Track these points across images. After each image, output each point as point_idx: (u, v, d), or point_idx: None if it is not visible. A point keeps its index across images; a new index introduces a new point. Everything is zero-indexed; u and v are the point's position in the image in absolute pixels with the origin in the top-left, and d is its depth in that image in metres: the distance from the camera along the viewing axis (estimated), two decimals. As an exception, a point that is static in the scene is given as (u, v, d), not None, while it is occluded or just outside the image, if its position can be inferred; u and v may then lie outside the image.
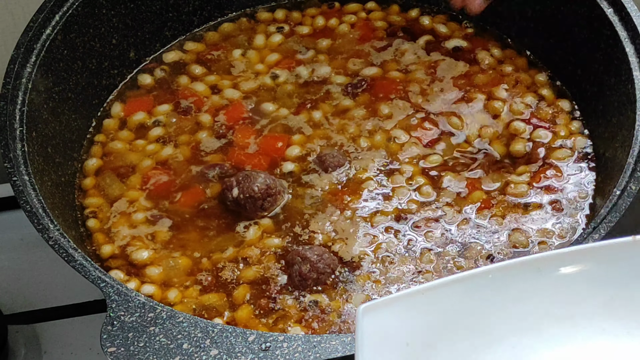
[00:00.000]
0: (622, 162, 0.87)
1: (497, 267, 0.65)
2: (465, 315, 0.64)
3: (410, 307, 0.64)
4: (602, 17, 0.99)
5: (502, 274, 0.65)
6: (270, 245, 0.94)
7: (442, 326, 0.64)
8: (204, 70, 1.11)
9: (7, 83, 0.95)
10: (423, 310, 0.64)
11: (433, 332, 0.64)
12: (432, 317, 0.64)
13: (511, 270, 0.65)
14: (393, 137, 1.02)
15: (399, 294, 0.64)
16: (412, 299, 0.64)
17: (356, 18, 1.16)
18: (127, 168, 1.02)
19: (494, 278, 0.65)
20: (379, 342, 0.62)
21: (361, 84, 1.08)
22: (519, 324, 0.65)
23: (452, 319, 0.64)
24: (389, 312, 0.63)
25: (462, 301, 0.64)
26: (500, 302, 0.65)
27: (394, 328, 0.63)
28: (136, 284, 0.91)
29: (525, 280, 0.65)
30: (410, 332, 0.63)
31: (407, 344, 0.63)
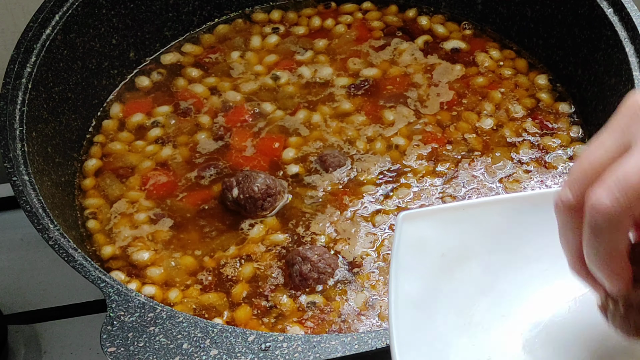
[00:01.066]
0: (622, 162, 0.87)
1: (540, 194, 0.66)
2: (502, 235, 0.65)
3: (450, 221, 0.64)
4: (602, 17, 0.99)
5: (545, 200, 0.64)
6: (274, 241, 0.94)
7: (479, 242, 0.64)
8: (201, 73, 1.11)
9: (7, 83, 0.95)
10: (462, 225, 0.64)
11: (469, 247, 0.64)
12: (470, 233, 0.64)
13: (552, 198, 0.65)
14: (394, 144, 1.02)
15: (440, 207, 0.65)
16: (452, 213, 0.64)
17: (352, 18, 1.16)
18: (126, 169, 1.02)
19: (534, 203, 0.65)
20: (415, 249, 0.63)
21: (363, 84, 1.08)
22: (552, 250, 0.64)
23: (489, 237, 0.64)
24: (428, 222, 0.63)
25: (501, 221, 0.64)
26: (539, 227, 0.64)
27: (431, 238, 0.63)
28: (137, 285, 0.91)
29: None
30: (447, 244, 0.64)
31: (442, 255, 0.64)
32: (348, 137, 1.03)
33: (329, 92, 1.08)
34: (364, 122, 1.04)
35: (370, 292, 0.90)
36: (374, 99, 1.07)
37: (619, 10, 0.97)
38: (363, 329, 0.87)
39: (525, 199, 0.65)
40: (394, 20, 1.15)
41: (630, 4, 0.97)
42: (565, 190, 0.55)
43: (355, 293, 0.90)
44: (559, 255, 0.63)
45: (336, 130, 1.04)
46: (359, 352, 0.73)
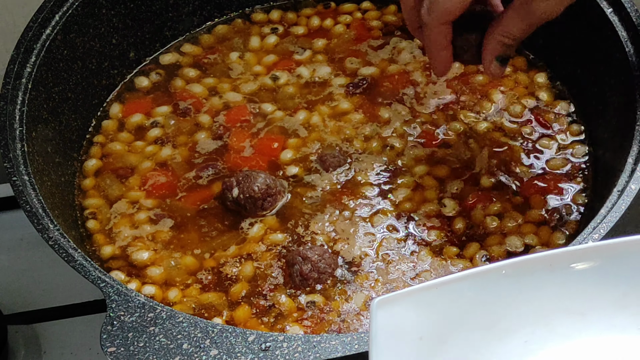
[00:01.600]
0: (622, 162, 0.87)
1: (510, 263, 0.66)
2: (478, 310, 0.65)
3: (424, 301, 0.64)
4: (602, 17, 0.99)
5: (515, 269, 0.65)
6: (273, 240, 0.94)
7: (456, 320, 0.65)
8: (198, 73, 1.11)
9: (7, 83, 0.95)
10: (437, 305, 0.64)
11: (446, 326, 0.64)
12: (446, 312, 0.64)
13: (524, 266, 0.66)
14: (391, 144, 1.02)
15: (413, 288, 0.65)
16: (426, 293, 0.64)
17: (351, 18, 1.16)
18: (126, 169, 1.02)
19: (506, 274, 0.65)
20: (393, 336, 0.63)
21: (362, 83, 1.08)
22: (530, 318, 0.65)
23: (465, 314, 0.65)
24: (403, 306, 0.64)
25: (475, 296, 0.65)
26: (513, 297, 0.65)
27: (407, 322, 0.64)
28: (137, 285, 0.91)
29: (537, 276, 0.66)
30: (424, 326, 0.64)
31: (420, 338, 0.64)
32: (346, 136, 1.03)
33: (328, 92, 1.08)
34: (361, 120, 1.04)
35: (370, 291, 0.90)
36: (372, 97, 1.07)
37: (618, 10, 0.97)
38: (363, 328, 0.87)
39: (495, 271, 0.65)
40: (393, 20, 1.15)
41: (630, 4, 0.97)
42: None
43: (355, 293, 0.90)
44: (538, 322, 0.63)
45: (334, 130, 1.04)
46: (359, 352, 0.73)
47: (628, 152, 0.88)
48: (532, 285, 0.66)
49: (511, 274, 0.65)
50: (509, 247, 0.93)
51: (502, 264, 0.65)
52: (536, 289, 0.66)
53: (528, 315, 0.65)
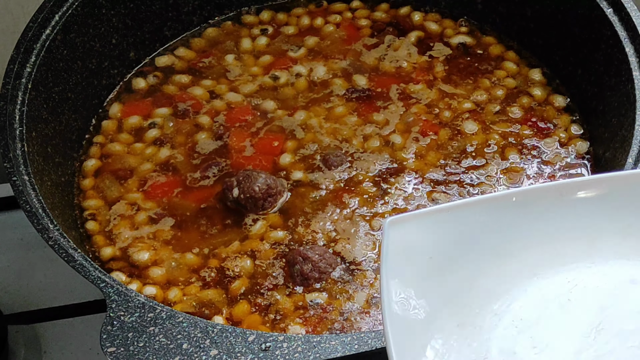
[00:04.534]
0: (622, 162, 0.87)
1: (520, 191, 0.67)
2: (487, 234, 0.66)
3: (435, 223, 0.65)
4: (602, 17, 0.99)
5: (525, 196, 0.66)
6: (275, 238, 0.94)
7: (465, 243, 0.65)
8: (191, 78, 1.10)
9: (7, 83, 0.95)
10: (447, 227, 0.65)
11: (456, 248, 0.65)
12: (456, 234, 0.65)
13: (534, 193, 0.66)
14: (391, 141, 1.02)
15: (425, 210, 0.66)
16: (438, 216, 0.65)
17: (341, 18, 1.16)
18: (125, 171, 1.02)
19: (517, 201, 0.66)
20: (403, 254, 0.63)
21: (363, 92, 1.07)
22: (538, 244, 0.66)
23: (474, 237, 0.65)
24: (415, 227, 0.64)
25: (485, 221, 0.66)
26: (522, 223, 0.66)
27: (418, 242, 0.64)
28: (138, 286, 0.91)
29: (547, 205, 0.66)
30: (434, 247, 0.65)
31: (430, 257, 0.65)
32: (344, 137, 1.03)
33: (326, 93, 1.08)
34: (358, 121, 1.04)
35: (371, 290, 0.90)
36: (370, 99, 1.07)
37: (619, 10, 0.97)
38: (365, 327, 0.87)
39: (506, 197, 0.66)
40: (383, 17, 1.15)
41: (630, 4, 0.97)
42: None
43: (356, 292, 0.90)
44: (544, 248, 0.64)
45: (332, 130, 1.04)
46: (359, 352, 0.73)
47: (628, 152, 0.88)
48: (541, 213, 0.66)
49: (521, 201, 0.66)
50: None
51: (513, 191, 0.66)
52: (545, 216, 0.66)
53: (536, 241, 0.66)
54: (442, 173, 0.99)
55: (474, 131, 1.03)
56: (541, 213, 0.66)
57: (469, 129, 1.03)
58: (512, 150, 1.01)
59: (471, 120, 1.04)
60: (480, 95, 1.06)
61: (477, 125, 1.03)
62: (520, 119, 1.04)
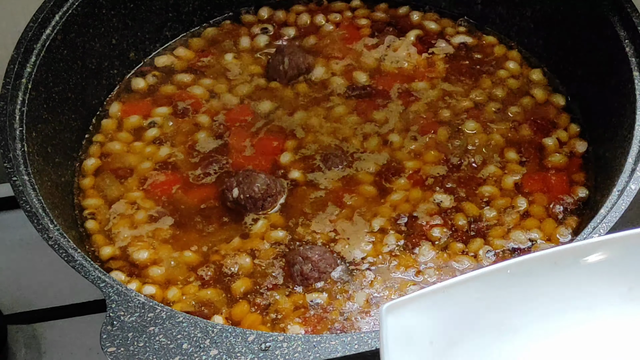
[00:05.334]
0: (622, 162, 0.88)
1: (515, 263, 0.66)
2: (486, 310, 0.65)
3: (432, 305, 0.64)
4: (602, 17, 0.99)
5: (520, 268, 0.66)
6: (274, 238, 0.94)
7: (464, 322, 0.65)
8: (192, 77, 1.10)
9: (7, 83, 0.95)
10: (445, 307, 0.64)
11: (456, 329, 0.65)
12: (454, 314, 0.65)
13: (529, 264, 0.66)
14: (390, 141, 1.02)
15: (421, 292, 0.65)
16: (434, 297, 0.64)
17: (341, 17, 1.16)
18: (125, 170, 1.02)
19: (512, 273, 0.65)
20: (403, 342, 0.63)
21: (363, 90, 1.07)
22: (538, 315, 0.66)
23: (473, 315, 0.65)
24: (412, 310, 0.64)
25: (482, 297, 0.65)
26: (520, 295, 0.66)
27: (417, 326, 0.64)
28: (137, 285, 0.91)
29: (543, 274, 0.66)
30: (434, 330, 0.64)
31: (430, 342, 0.64)
32: (344, 136, 1.03)
33: (326, 93, 1.08)
34: (358, 120, 1.04)
35: (370, 290, 0.90)
36: (370, 97, 1.07)
37: (619, 10, 0.97)
38: (365, 327, 0.87)
39: (500, 271, 0.66)
40: (383, 17, 1.15)
41: (630, 4, 0.97)
42: None
43: (356, 292, 0.90)
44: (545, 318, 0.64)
45: (331, 130, 1.04)
46: (359, 352, 0.73)
47: (628, 152, 0.88)
48: (538, 283, 0.66)
49: (517, 273, 0.65)
50: (513, 241, 0.93)
51: (507, 263, 0.66)
52: (542, 285, 0.66)
53: (536, 312, 0.66)
54: (443, 173, 0.99)
55: (474, 130, 1.03)
56: (538, 283, 0.66)
57: (469, 128, 1.03)
58: (512, 150, 1.01)
59: (471, 120, 1.04)
60: (480, 95, 1.06)
61: (477, 124, 1.03)
62: (521, 118, 1.04)
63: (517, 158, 1.00)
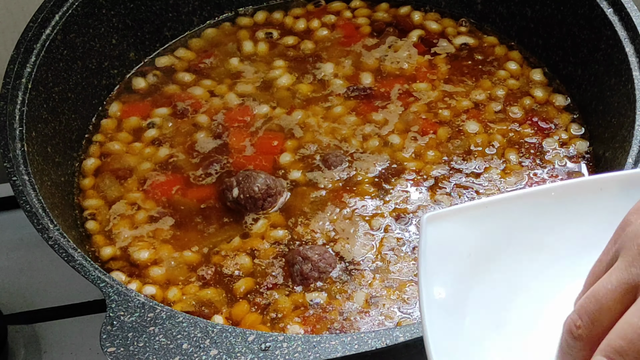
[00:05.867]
0: (622, 162, 0.87)
1: (559, 185, 0.66)
2: (527, 231, 0.64)
3: (473, 220, 0.63)
4: (602, 17, 0.99)
5: (565, 191, 0.64)
6: (274, 237, 0.94)
7: (504, 240, 0.64)
8: (194, 77, 1.10)
9: (7, 83, 0.95)
10: (486, 223, 0.63)
11: (494, 246, 0.64)
12: (494, 231, 0.64)
13: (574, 189, 0.65)
14: (390, 142, 1.02)
15: (463, 206, 0.64)
16: (476, 212, 0.63)
17: (336, 18, 1.16)
18: (125, 170, 1.02)
19: (556, 196, 0.64)
20: (442, 252, 0.62)
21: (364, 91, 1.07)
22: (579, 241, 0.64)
23: (513, 234, 0.64)
24: (452, 223, 0.63)
25: (524, 217, 0.64)
26: (562, 219, 0.64)
27: (456, 239, 0.63)
28: (137, 286, 0.91)
29: (587, 200, 0.65)
30: (472, 244, 0.63)
31: (469, 255, 0.63)
32: (343, 136, 1.03)
33: (325, 94, 1.08)
34: (357, 121, 1.04)
35: (369, 290, 0.90)
36: (369, 98, 1.07)
37: (618, 10, 0.97)
38: (365, 327, 0.87)
39: (544, 192, 0.65)
40: (384, 17, 1.15)
41: (630, 4, 0.97)
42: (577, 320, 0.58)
43: (355, 292, 0.90)
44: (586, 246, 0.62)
45: (330, 130, 1.04)
46: (359, 352, 0.73)
47: (628, 152, 0.88)
48: (581, 209, 0.65)
49: (561, 196, 0.64)
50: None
51: (551, 186, 0.65)
52: (585, 212, 0.65)
53: (577, 238, 0.64)
54: (443, 173, 0.99)
55: (474, 131, 1.03)
56: (581, 209, 0.64)
57: (469, 128, 1.03)
58: (513, 150, 1.01)
59: (472, 120, 1.04)
60: (481, 95, 1.06)
61: (478, 124, 1.03)
62: (521, 118, 1.04)
63: (517, 158, 1.00)
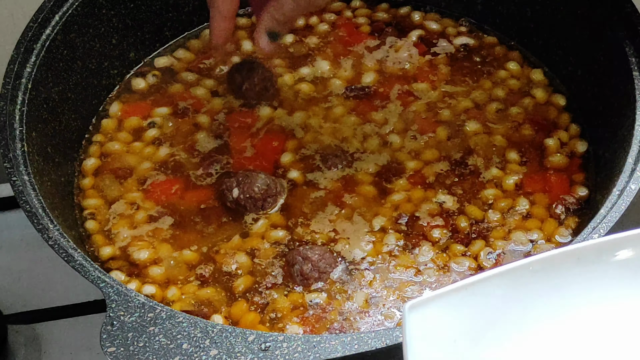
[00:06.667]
0: (622, 162, 0.87)
1: (537, 259, 0.66)
2: (508, 308, 0.65)
3: (455, 303, 0.64)
4: (602, 18, 0.99)
5: (543, 265, 0.65)
6: (274, 237, 0.94)
7: (487, 320, 0.64)
8: (196, 77, 1.10)
9: (7, 83, 0.95)
10: (468, 305, 0.64)
11: (479, 327, 0.64)
12: (477, 312, 0.64)
13: (551, 261, 0.65)
14: (390, 141, 1.02)
15: (444, 290, 0.64)
16: (457, 294, 0.64)
17: (336, 17, 1.16)
18: (125, 170, 1.02)
19: (534, 270, 0.65)
20: (426, 340, 0.63)
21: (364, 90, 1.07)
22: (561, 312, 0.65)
23: (496, 312, 0.65)
24: (435, 309, 0.63)
25: (505, 294, 0.65)
26: (543, 292, 0.65)
27: (440, 324, 0.63)
28: (137, 285, 0.91)
29: (566, 270, 0.65)
30: (457, 328, 0.64)
31: (454, 341, 0.64)
32: (344, 136, 1.03)
33: (325, 94, 1.08)
34: (357, 121, 1.04)
35: (369, 290, 0.90)
36: (368, 98, 1.07)
37: (619, 10, 0.97)
38: (364, 326, 0.87)
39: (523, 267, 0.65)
40: (385, 17, 1.15)
41: (630, 4, 0.97)
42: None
43: (355, 292, 0.90)
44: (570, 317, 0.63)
45: (331, 130, 1.04)
46: (359, 352, 0.73)
47: (628, 152, 0.88)
48: (561, 280, 0.65)
49: (539, 270, 0.65)
50: (514, 242, 0.93)
51: (529, 260, 0.65)
52: (566, 283, 0.65)
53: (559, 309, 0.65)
54: (444, 172, 0.99)
55: (475, 130, 1.03)
56: (560, 280, 0.65)
57: (469, 128, 1.03)
58: (513, 150, 1.01)
59: (472, 120, 1.04)
60: (481, 95, 1.06)
61: (478, 124, 1.03)
62: (521, 118, 1.04)
63: (517, 158, 1.00)
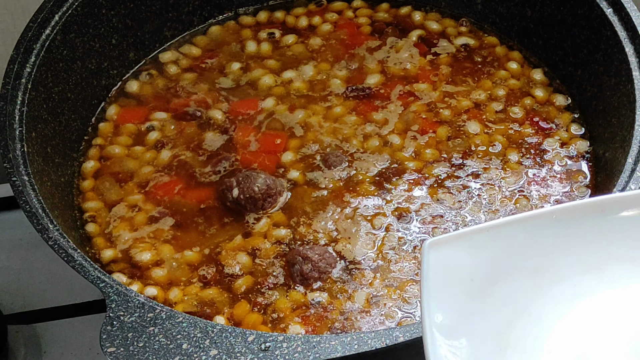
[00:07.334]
0: (622, 162, 0.88)
1: (561, 208, 0.65)
2: (528, 254, 0.64)
3: (475, 244, 0.64)
4: (602, 17, 0.99)
5: (566, 214, 0.64)
6: (276, 236, 0.94)
7: (506, 264, 0.64)
8: (196, 75, 1.10)
9: (7, 83, 0.95)
10: (487, 248, 0.64)
11: (497, 270, 0.64)
12: (496, 255, 0.64)
13: (575, 211, 0.65)
14: (390, 142, 1.02)
15: (464, 231, 0.64)
16: (477, 236, 0.64)
17: (337, 17, 1.16)
18: (125, 174, 1.02)
19: (557, 219, 0.64)
20: (444, 277, 0.62)
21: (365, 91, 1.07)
22: (580, 264, 0.64)
23: (515, 258, 0.64)
24: (454, 248, 0.63)
25: (525, 240, 0.64)
26: (563, 242, 0.64)
27: (458, 264, 0.63)
28: (139, 287, 0.91)
29: (588, 222, 0.65)
30: (474, 269, 0.63)
31: (471, 280, 0.63)
32: (344, 136, 1.03)
33: (324, 94, 1.08)
34: (358, 120, 1.04)
35: (370, 290, 0.90)
36: (369, 98, 1.07)
37: (618, 10, 0.97)
38: (365, 326, 0.87)
39: (546, 215, 0.65)
40: (385, 17, 1.15)
41: (630, 4, 0.97)
42: None
43: (356, 291, 0.90)
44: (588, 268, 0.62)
45: (331, 130, 1.04)
46: (359, 352, 0.73)
47: (628, 152, 0.88)
48: (582, 231, 0.65)
49: (562, 219, 0.64)
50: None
51: (553, 208, 0.65)
52: (587, 234, 0.65)
53: (578, 260, 0.64)
54: (444, 172, 0.99)
55: (475, 130, 1.03)
56: (582, 231, 0.65)
57: (470, 128, 1.03)
58: (514, 150, 1.01)
59: (472, 120, 1.04)
60: (481, 95, 1.06)
61: (479, 124, 1.03)
62: (521, 118, 1.04)
63: (517, 158, 1.00)
